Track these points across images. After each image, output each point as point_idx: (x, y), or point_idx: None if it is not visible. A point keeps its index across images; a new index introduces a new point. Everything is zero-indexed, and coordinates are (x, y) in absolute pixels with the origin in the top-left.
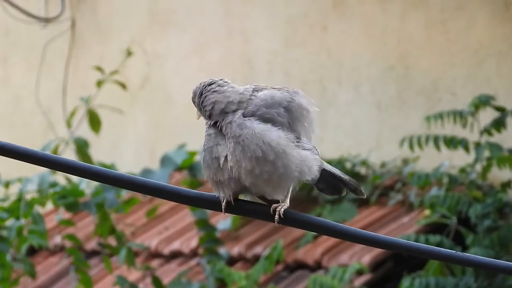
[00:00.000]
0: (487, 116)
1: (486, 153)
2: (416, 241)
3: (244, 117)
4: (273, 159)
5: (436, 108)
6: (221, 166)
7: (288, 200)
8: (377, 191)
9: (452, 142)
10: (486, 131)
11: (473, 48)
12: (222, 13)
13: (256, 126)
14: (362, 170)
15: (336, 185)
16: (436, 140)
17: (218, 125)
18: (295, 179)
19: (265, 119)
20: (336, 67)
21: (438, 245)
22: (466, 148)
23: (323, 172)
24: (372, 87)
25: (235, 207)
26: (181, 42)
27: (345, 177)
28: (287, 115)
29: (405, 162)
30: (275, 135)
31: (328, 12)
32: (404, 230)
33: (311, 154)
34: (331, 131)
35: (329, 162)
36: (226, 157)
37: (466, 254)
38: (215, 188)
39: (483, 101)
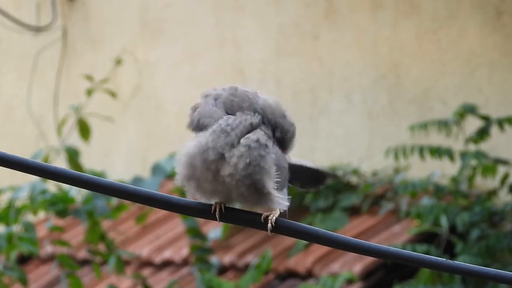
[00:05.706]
0: (474, 125)
1: (473, 162)
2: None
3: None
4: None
5: (428, 117)
6: (220, 178)
7: (278, 209)
8: (368, 200)
9: (437, 152)
10: (471, 140)
11: (464, 57)
12: (214, 22)
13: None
14: (354, 179)
15: (311, 176)
16: (421, 150)
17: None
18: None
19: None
20: (327, 76)
21: (425, 254)
22: (452, 158)
23: (294, 167)
24: (363, 96)
25: (227, 215)
26: (173, 51)
27: (315, 165)
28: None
29: (397, 171)
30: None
31: (320, 21)
32: (395, 239)
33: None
34: (322, 140)
35: None
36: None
37: (456, 262)
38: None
39: (467, 110)
